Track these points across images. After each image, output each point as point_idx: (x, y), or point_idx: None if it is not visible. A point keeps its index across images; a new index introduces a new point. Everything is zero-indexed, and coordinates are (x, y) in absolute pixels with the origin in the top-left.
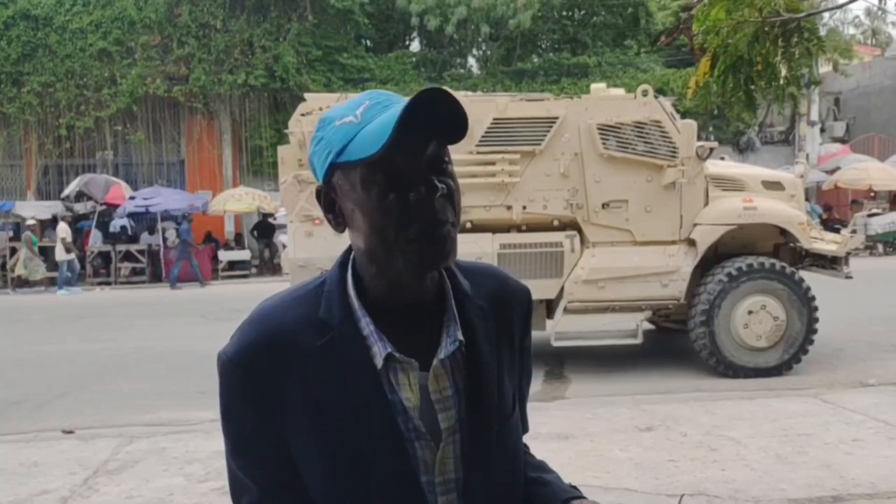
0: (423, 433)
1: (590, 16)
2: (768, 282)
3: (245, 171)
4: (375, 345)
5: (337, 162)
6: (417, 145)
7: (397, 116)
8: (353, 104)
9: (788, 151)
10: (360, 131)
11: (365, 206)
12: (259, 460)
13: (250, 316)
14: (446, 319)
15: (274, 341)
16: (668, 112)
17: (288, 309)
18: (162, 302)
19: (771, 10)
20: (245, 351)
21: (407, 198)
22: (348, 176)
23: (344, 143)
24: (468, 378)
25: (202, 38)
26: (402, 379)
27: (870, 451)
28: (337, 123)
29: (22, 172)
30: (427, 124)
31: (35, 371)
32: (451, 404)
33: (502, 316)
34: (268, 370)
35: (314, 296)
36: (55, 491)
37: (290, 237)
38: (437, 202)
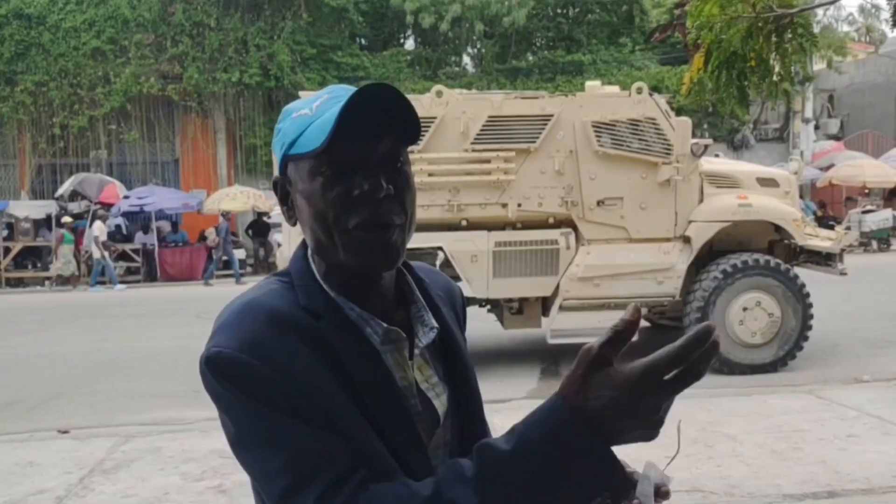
0: (420, 412)
1: (584, 13)
2: (763, 278)
3: (239, 169)
4: (367, 326)
5: (289, 154)
6: (366, 140)
7: (340, 109)
8: (313, 98)
9: (783, 148)
10: (311, 124)
11: (310, 198)
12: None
13: (229, 315)
14: (416, 309)
15: (279, 322)
16: (663, 109)
17: (272, 297)
18: (157, 301)
19: (764, 6)
20: (248, 340)
21: (350, 191)
22: (298, 168)
23: (296, 135)
24: (447, 363)
25: (196, 36)
26: (394, 360)
27: (865, 447)
28: (294, 115)
29: (15, 172)
30: (378, 120)
31: (30, 371)
32: (441, 390)
33: (452, 306)
34: (278, 355)
35: (286, 289)
36: (51, 490)
37: (285, 236)
38: (383, 202)
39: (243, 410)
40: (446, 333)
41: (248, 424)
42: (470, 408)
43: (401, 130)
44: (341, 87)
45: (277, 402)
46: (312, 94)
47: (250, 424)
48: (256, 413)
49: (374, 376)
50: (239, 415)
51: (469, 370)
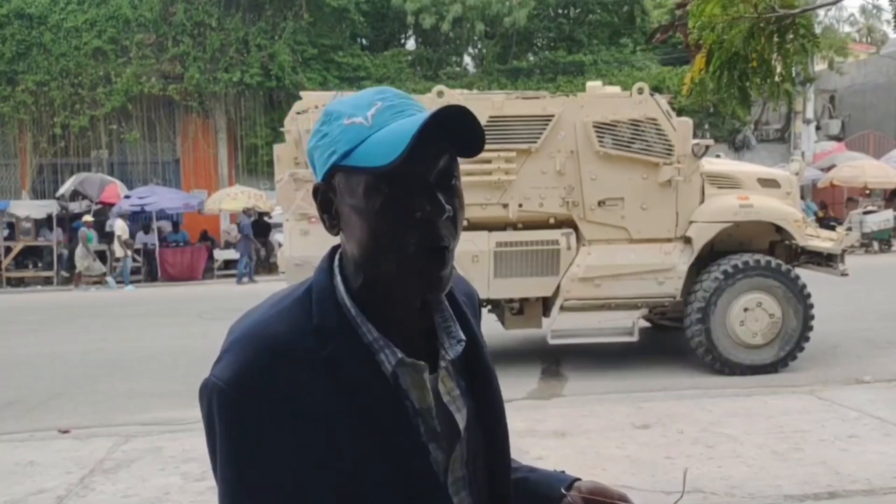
0: (438, 434)
1: (585, 14)
2: (764, 279)
3: (240, 169)
4: (381, 352)
5: (341, 164)
6: (428, 159)
7: (414, 132)
8: (361, 102)
9: (784, 149)
10: (369, 136)
11: (364, 215)
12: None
13: (236, 335)
14: (443, 319)
15: (275, 356)
16: (664, 110)
17: (279, 321)
18: (157, 301)
19: (766, 6)
20: (243, 375)
21: (411, 213)
22: (351, 180)
23: (351, 145)
24: (471, 375)
25: (197, 36)
26: (412, 383)
27: (865, 448)
28: (345, 122)
29: (16, 171)
30: (442, 138)
31: (30, 371)
32: (462, 404)
33: (473, 312)
34: (272, 393)
35: (302, 305)
36: (51, 490)
37: (286, 236)
38: (442, 225)
39: (224, 448)
40: (474, 345)
41: (222, 461)
42: (490, 423)
43: (461, 147)
44: (392, 93)
45: (249, 450)
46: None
47: (224, 463)
48: (228, 455)
49: (377, 407)
50: (219, 448)
51: (493, 383)
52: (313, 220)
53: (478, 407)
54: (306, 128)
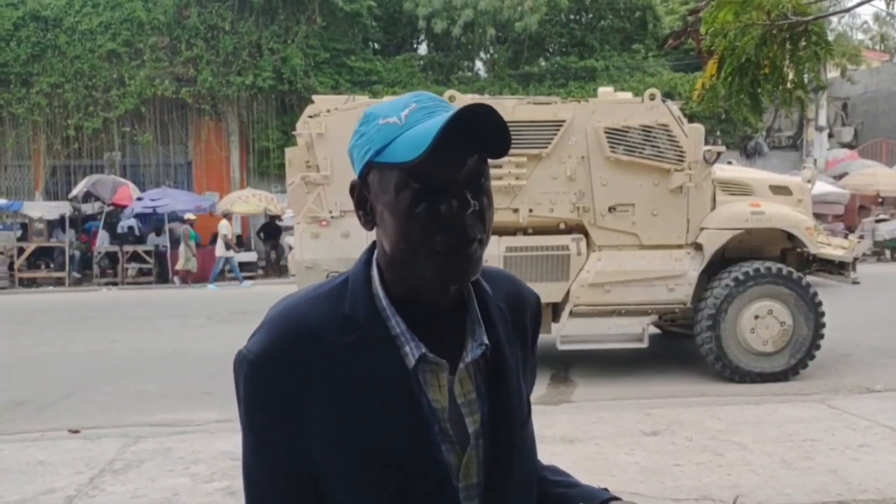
0: (451, 436)
1: (597, 19)
2: (775, 287)
3: (252, 172)
4: (406, 345)
5: (374, 161)
6: (457, 158)
7: (439, 128)
8: (398, 104)
9: (796, 156)
10: (401, 134)
11: (395, 211)
12: (282, 469)
13: (271, 314)
14: (470, 321)
15: (298, 339)
16: (676, 116)
17: (311, 306)
18: (168, 303)
19: (779, 13)
20: (269, 350)
21: (438, 209)
22: (383, 177)
23: (383, 143)
24: (490, 381)
25: (210, 39)
26: (430, 380)
27: (876, 457)
28: (380, 122)
29: (30, 173)
30: (469, 138)
31: (41, 371)
32: (476, 408)
33: (517, 318)
34: (295, 368)
35: (338, 293)
36: (61, 490)
37: (297, 239)
38: (467, 218)
39: (243, 415)
40: (496, 352)
41: (242, 427)
42: (502, 429)
43: (489, 147)
44: (428, 95)
45: (264, 420)
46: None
47: (242, 429)
48: (246, 421)
49: (392, 400)
50: (241, 415)
51: (511, 392)
52: (324, 223)
53: (493, 414)
54: (318, 131)
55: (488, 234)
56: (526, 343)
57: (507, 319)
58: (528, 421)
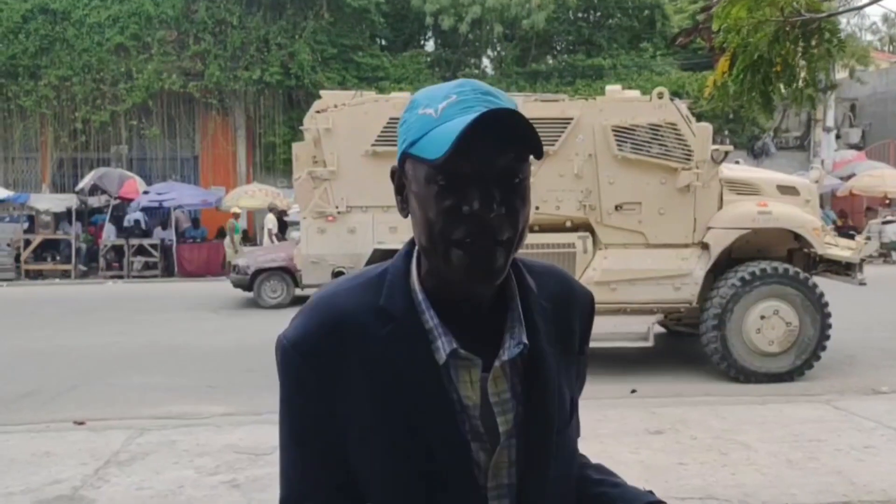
0: (482, 434)
1: (605, 18)
2: (781, 287)
3: (258, 167)
4: (439, 339)
5: (409, 152)
6: (484, 157)
7: (461, 128)
8: (439, 94)
9: (803, 157)
10: (434, 128)
11: (422, 204)
12: (319, 454)
13: (311, 302)
14: (510, 319)
15: (337, 327)
16: (684, 115)
17: (350, 296)
18: (173, 296)
19: (792, 10)
20: (307, 336)
21: (461, 208)
22: (415, 168)
23: (418, 135)
24: (527, 382)
25: (218, 34)
26: (462, 376)
27: (882, 458)
28: (420, 111)
29: (37, 165)
30: (500, 137)
31: (47, 363)
32: (510, 407)
33: (564, 319)
34: (330, 356)
35: (376, 284)
36: (67, 481)
37: (303, 233)
38: (493, 219)
39: (280, 397)
40: (535, 352)
41: (279, 409)
42: (536, 431)
43: (522, 147)
44: (471, 84)
45: (300, 404)
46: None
47: (281, 411)
48: (281, 403)
49: (423, 394)
50: (280, 398)
51: (548, 395)
52: (330, 218)
53: (527, 415)
54: (325, 126)
55: (522, 235)
56: (572, 344)
57: (552, 319)
58: (568, 425)
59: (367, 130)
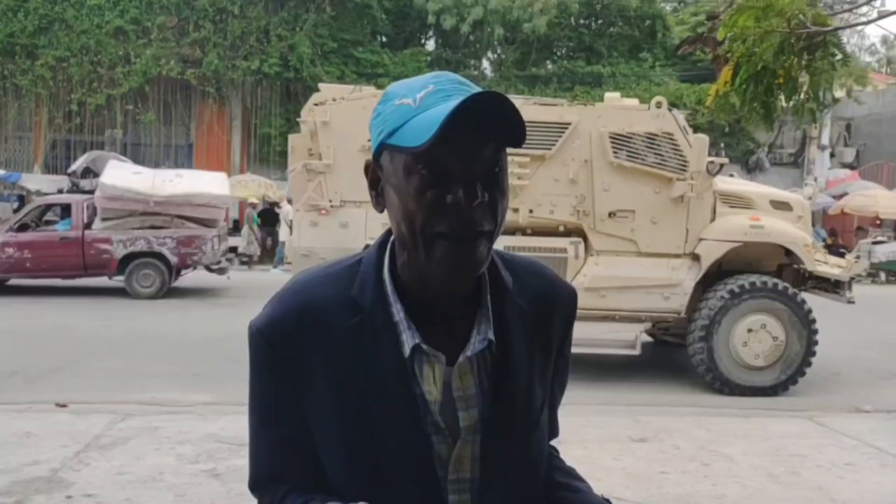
0: (442, 429)
1: (607, 25)
2: (770, 301)
3: (253, 158)
4: (404, 333)
5: (386, 143)
6: (469, 145)
7: (446, 114)
8: (417, 84)
9: (797, 174)
10: (413, 117)
11: (401, 194)
12: (287, 438)
13: (283, 289)
14: (479, 315)
15: (304, 316)
16: (681, 125)
17: (321, 285)
18: None
19: (799, 22)
20: (274, 324)
21: (444, 198)
22: (394, 159)
23: (396, 125)
24: (495, 379)
25: (219, 22)
26: (426, 371)
27: (862, 476)
28: (396, 102)
29: (30, 145)
30: (482, 126)
31: (31, 343)
32: (475, 403)
33: (543, 317)
34: (295, 345)
35: (349, 274)
36: (46, 462)
37: (296, 226)
38: (475, 210)
39: (250, 380)
40: (505, 350)
41: (250, 394)
42: (501, 428)
43: (504, 136)
44: (450, 77)
45: (268, 388)
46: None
47: (250, 394)
48: (250, 385)
49: (386, 386)
50: (250, 381)
51: (516, 393)
52: (323, 212)
53: (493, 411)
54: (323, 120)
55: (499, 227)
56: (551, 344)
57: (528, 318)
58: (537, 425)
59: (365, 126)
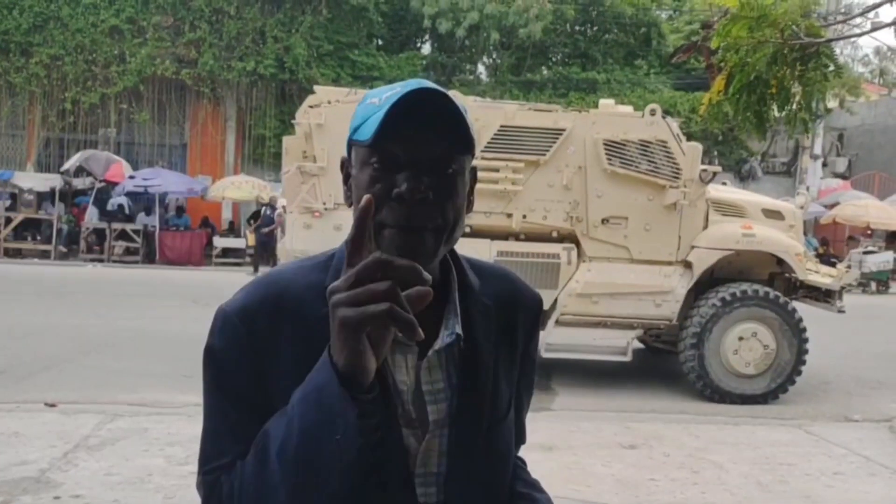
0: (413, 420)
1: (602, 32)
2: (761, 310)
3: (246, 159)
4: None
5: (351, 138)
6: (416, 142)
7: (386, 108)
8: (391, 87)
9: (789, 183)
10: (373, 114)
11: (358, 186)
12: (247, 416)
13: (259, 278)
14: (447, 311)
15: (278, 304)
16: (675, 133)
17: (296, 274)
18: (153, 283)
19: (792, 33)
20: (248, 308)
21: (390, 190)
22: (356, 154)
23: (360, 121)
24: (462, 374)
25: (215, 22)
26: (399, 360)
27: (850, 486)
28: (368, 101)
29: (23, 143)
30: (428, 124)
31: (21, 342)
32: (443, 397)
33: (507, 317)
34: (267, 331)
35: (323, 266)
36: (34, 462)
37: (289, 227)
38: (419, 205)
39: (205, 358)
40: (471, 346)
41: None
42: (466, 423)
43: (453, 138)
44: (420, 81)
45: (233, 372)
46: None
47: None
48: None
49: None
50: (203, 359)
51: (481, 388)
52: (316, 213)
53: (460, 407)
54: (317, 122)
55: (453, 228)
56: (515, 343)
57: (492, 315)
58: (503, 421)
59: None
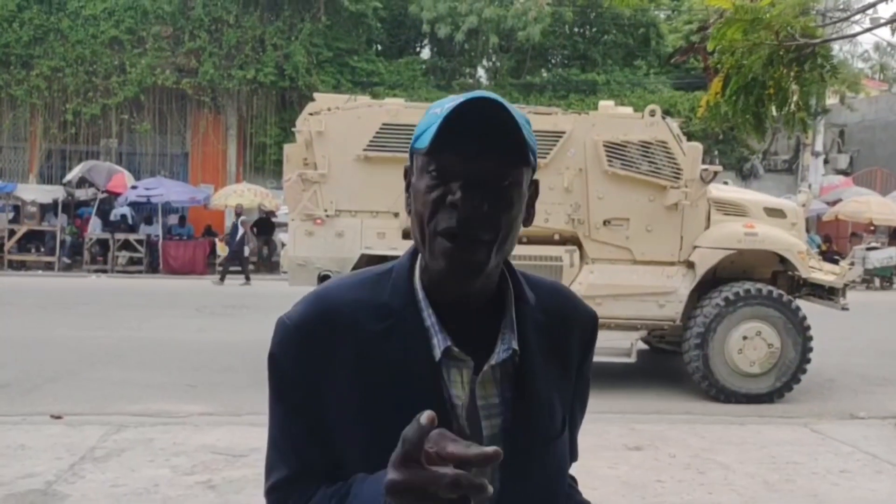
0: (467, 435)
1: (601, 34)
2: (765, 308)
3: (248, 167)
4: (435, 336)
5: (413, 147)
6: (472, 153)
7: (443, 117)
8: (455, 98)
9: (791, 180)
10: (433, 123)
11: (416, 194)
12: (303, 432)
13: (318, 290)
14: (503, 325)
15: (333, 318)
16: (675, 133)
17: (351, 290)
18: (157, 293)
19: (787, 34)
20: (306, 319)
21: (446, 198)
22: (417, 162)
23: (422, 130)
24: (516, 390)
25: (214, 32)
26: (454, 376)
27: (857, 483)
28: (432, 111)
29: (25, 155)
30: (482, 135)
31: (26, 354)
32: (497, 413)
33: (560, 334)
34: (323, 346)
35: (380, 280)
36: (40, 475)
37: (291, 235)
38: (473, 217)
39: (270, 374)
40: (525, 360)
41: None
42: (520, 439)
43: (509, 150)
44: (485, 92)
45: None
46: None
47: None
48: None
49: (415, 390)
50: (269, 374)
51: (536, 404)
52: (318, 221)
53: (514, 422)
54: (318, 129)
55: (505, 240)
56: (569, 361)
57: (546, 332)
58: (557, 438)
59: (360, 135)
